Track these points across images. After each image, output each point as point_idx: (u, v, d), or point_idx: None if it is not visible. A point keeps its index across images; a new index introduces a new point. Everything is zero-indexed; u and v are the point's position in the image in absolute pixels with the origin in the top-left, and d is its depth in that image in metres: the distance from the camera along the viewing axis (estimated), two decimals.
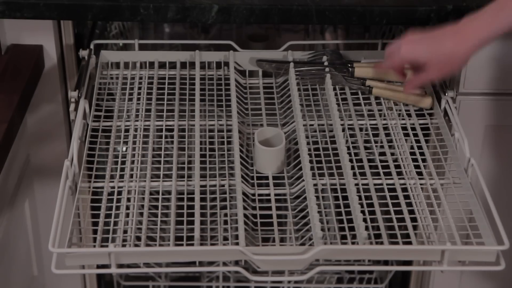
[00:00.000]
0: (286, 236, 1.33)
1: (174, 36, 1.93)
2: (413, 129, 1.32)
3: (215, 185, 1.19)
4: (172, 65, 1.48)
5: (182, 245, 1.07)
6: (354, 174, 1.20)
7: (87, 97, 1.33)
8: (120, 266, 1.04)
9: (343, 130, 1.29)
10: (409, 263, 1.62)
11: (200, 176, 1.19)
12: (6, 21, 1.41)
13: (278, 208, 1.17)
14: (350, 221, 1.13)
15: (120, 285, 1.87)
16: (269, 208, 1.17)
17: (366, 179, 1.20)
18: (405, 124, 1.33)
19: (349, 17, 1.37)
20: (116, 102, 1.37)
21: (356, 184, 1.18)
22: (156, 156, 1.26)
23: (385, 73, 1.40)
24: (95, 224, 1.11)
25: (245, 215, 1.12)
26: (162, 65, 1.48)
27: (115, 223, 1.12)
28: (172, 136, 1.30)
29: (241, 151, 1.25)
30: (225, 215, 1.16)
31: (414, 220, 1.14)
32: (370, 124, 1.33)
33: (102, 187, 1.18)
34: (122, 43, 1.70)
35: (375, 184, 1.20)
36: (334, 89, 1.38)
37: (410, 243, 1.09)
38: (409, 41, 1.24)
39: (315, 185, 1.18)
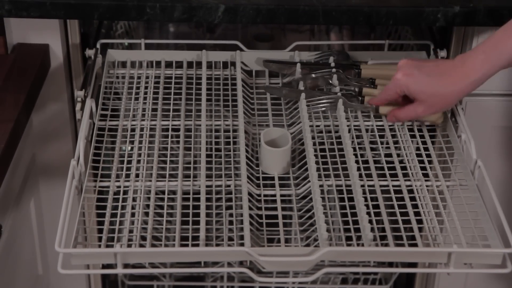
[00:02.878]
0: (291, 236, 1.33)
1: (179, 35, 1.93)
2: (420, 130, 1.32)
3: (220, 185, 1.19)
4: (179, 65, 1.48)
5: (187, 245, 1.07)
6: (360, 176, 1.20)
7: (94, 97, 1.33)
8: (126, 266, 1.04)
9: (349, 131, 1.29)
10: (414, 265, 1.62)
11: (206, 176, 1.19)
12: (12, 20, 1.41)
13: (283, 209, 1.17)
14: (355, 222, 1.12)
15: (124, 284, 1.87)
16: (275, 209, 1.17)
17: (372, 180, 1.20)
18: (411, 125, 1.33)
19: (355, 17, 1.37)
20: (123, 101, 1.37)
21: (362, 186, 1.18)
22: (162, 156, 1.26)
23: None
24: (101, 223, 1.11)
25: (250, 216, 1.12)
26: (168, 65, 1.48)
27: (121, 223, 1.12)
28: (178, 136, 1.30)
29: (247, 151, 1.25)
30: (231, 215, 1.16)
31: (420, 222, 1.13)
32: (376, 125, 1.32)
33: (108, 187, 1.18)
34: (128, 42, 1.70)
35: (381, 186, 1.19)
36: (341, 89, 1.38)
37: (416, 245, 1.09)
38: (405, 73, 1.22)
39: (321, 186, 1.18)
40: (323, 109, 1.33)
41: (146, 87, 1.42)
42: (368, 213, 1.11)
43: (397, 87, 1.23)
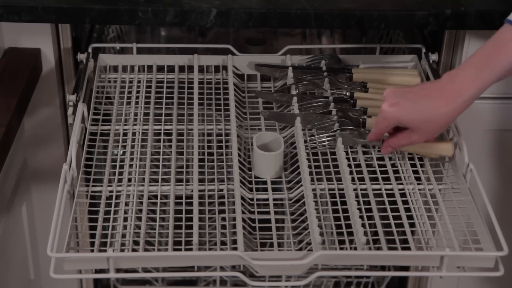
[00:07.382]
0: (284, 241, 1.33)
1: (171, 39, 1.93)
2: None
3: (213, 190, 1.19)
4: (170, 69, 1.48)
5: (180, 249, 1.07)
6: (353, 179, 1.20)
7: (85, 101, 1.33)
8: (118, 270, 1.04)
9: None
10: (406, 268, 1.62)
11: (199, 180, 1.19)
12: (4, 24, 1.41)
13: (276, 213, 1.17)
14: (348, 226, 1.12)
15: None
16: (268, 213, 1.17)
17: (364, 184, 1.20)
18: None
19: (347, 21, 1.37)
20: (115, 105, 1.37)
21: (355, 189, 1.18)
22: (154, 160, 1.25)
23: (385, 77, 1.40)
24: (93, 228, 1.11)
25: (243, 220, 1.12)
26: (160, 69, 1.48)
27: (113, 228, 1.12)
28: (170, 140, 1.30)
29: (239, 155, 1.24)
30: (223, 219, 1.16)
31: (412, 225, 1.14)
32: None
33: (100, 191, 1.18)
34: (120, 46, 1.69)
35: (373, 189, 1.20)
36: (333, 93, 1.38)
37: (408, 248, 1.09)
38: (391, 104, 1.15)
39: (313, 190, 1.18)
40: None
41: (138, 91, 1.41)
42: (361, 217, 1.12)
43: (386, 120, 1.16)
